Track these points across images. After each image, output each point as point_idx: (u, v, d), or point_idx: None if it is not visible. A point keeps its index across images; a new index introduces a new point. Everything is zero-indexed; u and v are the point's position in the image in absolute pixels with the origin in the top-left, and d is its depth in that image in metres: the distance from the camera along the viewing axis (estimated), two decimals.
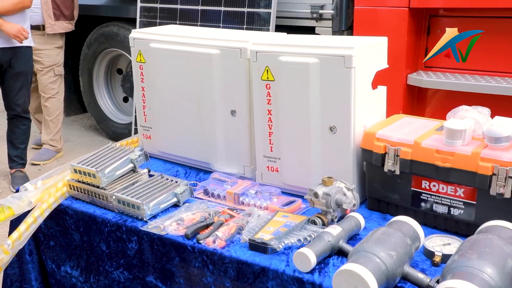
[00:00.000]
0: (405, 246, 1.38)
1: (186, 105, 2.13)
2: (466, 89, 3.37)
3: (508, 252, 1.25)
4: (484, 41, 3.41)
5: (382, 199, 1.77)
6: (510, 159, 1.48)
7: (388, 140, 1.71)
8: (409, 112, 3.71)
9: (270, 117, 1.91)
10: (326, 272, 1.44)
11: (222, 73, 1.99)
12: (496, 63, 3.43)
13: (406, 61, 3.62)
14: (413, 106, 3.83)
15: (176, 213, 1.78)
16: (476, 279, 1.16)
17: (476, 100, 3.33)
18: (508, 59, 3.38)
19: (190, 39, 2.09)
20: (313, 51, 1.77)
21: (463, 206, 1.59)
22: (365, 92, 1.79)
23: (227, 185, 1.95)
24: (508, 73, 3.37)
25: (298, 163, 1.89)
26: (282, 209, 1.78)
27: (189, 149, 2.18)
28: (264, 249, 1.54)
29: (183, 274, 1.68)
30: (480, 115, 1.61)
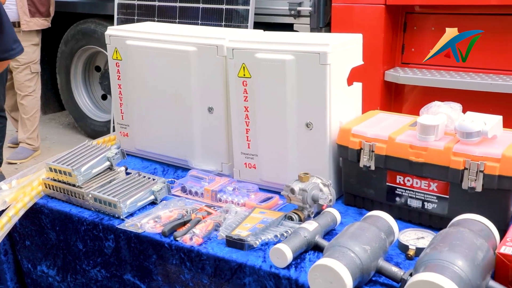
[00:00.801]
0: (380, 240, 1.40)
1: (163, 102, 2.12)
2: (441, 85, 3.42)
3: (478, 245, 1.28)
4: (460, 38, 3.47)
5: (358, 194, 1.79)
6: (481, 153, 1.51)
7: (363, 136, 1.73)
8: (387, 108, 3.75)
9: (247, 114, 1.91)
10: (302, 267, 1.45)
11: (199, 70, 1.99)
12: (471, 59, 3.48)
13: (383, 57, 3.66)
14: (390, 102, 3.87)
15: (154, 210, 1.77)
16: (447, 271, 1.19)
17: (452, 96, 3.37)
18: (484, 55, 3.44)
19: (166, 36, 2.08)
20: (289, 48, 1.78)
21: (437, 200, 1.62)
22: (340, 89, 1.81)
23: (205, 182, 1.96)
24: (483, 69, 3.43)
25: (275, 160, 1.90)
26: (259, 205, 1.79)
27: (167, 147, 2.18)
28: (241, 245, 1.55)
29: (160, 271, 1.68)
30: (452, 110, 1.64)
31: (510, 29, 3.29)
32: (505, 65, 3.31)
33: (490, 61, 3.38)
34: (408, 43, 3.75)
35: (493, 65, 3.38)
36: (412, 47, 3.74)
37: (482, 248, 1.27)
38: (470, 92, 3.33)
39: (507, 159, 1.47)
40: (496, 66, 3.38)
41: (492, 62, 3.38)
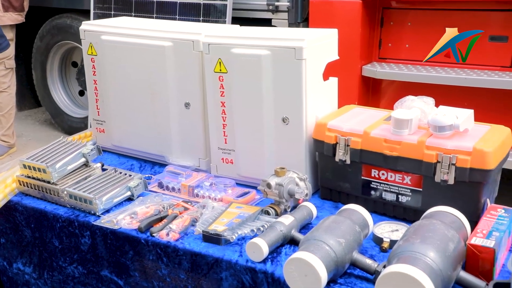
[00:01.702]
0: (354, 233, 1.42)
1: (139, 98, 2.11)
2: (418, 79, 3.46)
3: (450, 236, 1.30)
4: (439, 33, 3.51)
5: (334, 188, 1.81)
6: (453, 147, 1.54)
7: (339, 130, 1.74)
8: (364, 102, 3.78)
9: (224, 109, 1.92)
10: (278, 261, 1.46)
11: (175, 66, 1.98)
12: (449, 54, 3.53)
13: (360, 52, 3.68)
14: (368, 97, 3.90)
15: (130, 206, 1.77)
16: (419, 263, 1.21)
17: (429, 90, 3.41)
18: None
19: (142, 31, 2.07)
20: (265, 43, 1.78)
21: (410, 193, 1.64)
22: (316, 84, 1.82)
23: (182, 177, 1.95)
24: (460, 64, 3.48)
25: (252, 155, 1.90)
26: (236, 200, 1.79)
27: (144, 143, 2.17)
28: (217, 240, 1.56)
29: (137, 267, 1.67)
30: (425, 104, 1.66)
31: (484, 24, 3.34)
32: (478, 60, 3.37)
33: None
34: (385, 38, 3.78)
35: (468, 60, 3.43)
36: (389, 42, 3.77)
37: (453, 240, 1.30)
38: (446, 87, 3.37)
39: (478, 152, 1.50)
40: (471, 61, 3.44)
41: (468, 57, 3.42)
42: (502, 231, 1.38)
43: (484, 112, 3.31)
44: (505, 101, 3.33)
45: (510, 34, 3.21)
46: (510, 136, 1.66)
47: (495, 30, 3.28)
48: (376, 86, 3.91)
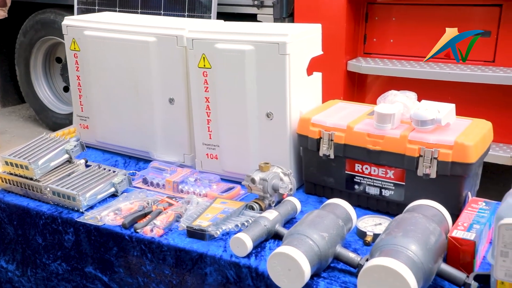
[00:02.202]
0: (337, 227, 1.43)
1: (123, 93, 2.10)
2: (403, 74, 3.49)
3: (431, 229, 1.32)
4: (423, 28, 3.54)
5: (318, 183, 1.82)
6: (435, 141, 1.55)
7: (323, 125, 1.75)
8: (350, 98, 3.79)
9: (208, 105, 1.91)
10: (262, 256, 1.47)
11: (159, 61, 1.98)
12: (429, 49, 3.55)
13: (345, 47, 3.70)
14: (354, 92, 3.92)
15: (114, 203, 1.76)
16: (401, 256, 1.22)
17: (414, 85, 3.45)
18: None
19: (125, 26, 2.06)
20: (249, 38, 1.78)
21: (393, 187, 1.66)
22: (300, 79, 1.83)
23: (166, 173, 1.95)
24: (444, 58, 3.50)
25: (236, 150, 1.90)
26: (221, 195, 1.80)
27: (128, 139, 2.16)
28: (202, 235, 1.56)
29: (122, 263, 1.67)
30: (407, 99, 1.67)
31: (468, 19, 3.37)
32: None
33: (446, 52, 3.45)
34: (370, 33, 3.80)
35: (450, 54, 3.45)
36: (374, 37, 3.79)
37: (435, 233, 1.31)
38: (431, 81, 3.40)
39: (459, 146, 1.51)
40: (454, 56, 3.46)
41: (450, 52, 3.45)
42: (483, 223, 1.39)
43: (467, 106, 3.35)
44: (487, 95, 3.37)
45: (493, 29, 3.25)
46: (491, 130, 1.68)
47: (478, 24, 3.31)
48: (362, 81, 3.93)
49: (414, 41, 3.61)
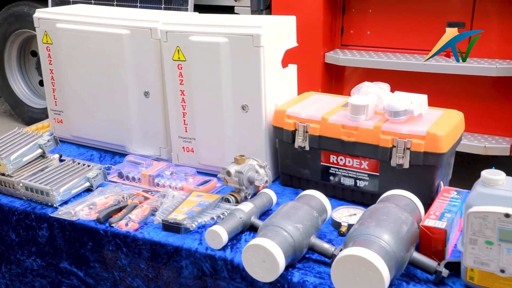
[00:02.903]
0: (312, 218, 1.44)
1: (97, 87, 2.08)
2: (379, 66, 3.51)
3: (404, 219, 1.33)
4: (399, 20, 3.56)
5: (294, 175, 1.82)
6: (407, 131, 1.57)
7: (298, 117, 1.76)
8: (328, 89, 3.81)
9: (183, 98, 1.90)
10: (238, 248, 1.47)
11: (133, 54, 1.96)
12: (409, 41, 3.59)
13: (323, 39, 3.71)
14: (331, 84, 3.94)
15: (89, 197, 1.74)
16: (374, 245, 1.23)
17: (392, 76, 3.48)
18: (418, 37, 3.54)
19: (98, 19, 2.03)
20: (223, 30, 1.78)
21: (368, 178, 1.67)
22: (275, 71, 1.83)
23: (142, 167, 1.94)
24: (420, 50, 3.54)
25: (212, 143, 1.90)
26: (197, 189, 1.79)
27: (103, 132, 2.14)
28: (177, 229, 1.55)
29: (97, 258, 1.66)
30: (381, 90, 1.69)
31: (442, 10, 3.40)
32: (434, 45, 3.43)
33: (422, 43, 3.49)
34: (347, 25, 3.81)
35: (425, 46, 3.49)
36: (351, 29, 3.81)
37: (407, 222, 1.33)
38: (408, 73, 3.43)
39: (431, 136, 1.53)
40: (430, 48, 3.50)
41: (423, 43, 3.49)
42: (454, 212, 1.42)
43: (444, 97, 3.39)
44: (463, 86, 3.42)
45: (467, 20, 3.29)
46: (463, 120, 1.71)
47: (452, 16, 3.35)
48: (339, 73, 3.95)
49: (391, 33, 3.64)
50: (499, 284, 1.20)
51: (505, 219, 1.12)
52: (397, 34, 3.61)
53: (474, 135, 3.37)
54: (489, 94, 3.40)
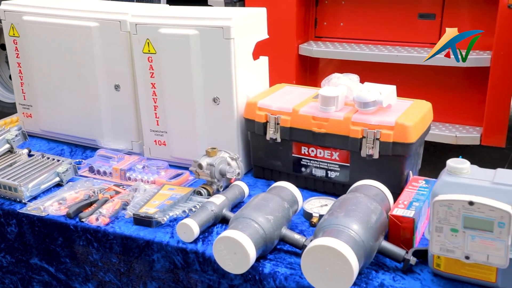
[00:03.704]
0: (283, 210, 1.45)
1: (67, 81, 2.05)
2: (352, 57, 3.54)
3: (372, 208, 1.35)
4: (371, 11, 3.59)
5: (266, 167, 1.83)
6: (376, 122, 1.59)
7: (269, 109, 1.76)
8: (302, 81, 3.83)
9: (154, 91, 1.89)
10: (209, 241, 1.47)
11: (103, 47, 1.93)
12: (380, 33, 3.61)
13: (296, 31, 3.72)
14: (306, 76, 3.95)
15: (59, 192, 1.72)
16: (343, 235, 1.24)
17: (365, 68, 3.51)
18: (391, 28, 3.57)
19: (66, 11, 1.99)
20: (193, 22, 1.76)
21: (339, 168, 1.68)
22: (246, 63, 1.82)
23: (114, 161, 1.92)
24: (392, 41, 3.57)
25: (184, 136, 1.89)
26: (169, 182, 1.78)
27: (73, 127, 2.11)
28: (148, 222, 1.55)
29: (68, 253, 1.64)
30: (350, 81, 1.70)
31: (413, 2, 3.44)
32: (408, 37, 3.47)
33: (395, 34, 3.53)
34: (320, 17, 3.83)
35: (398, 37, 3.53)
36: (324, 20, 3.82)
37: (376, 212, 1.35)
38: (381, 64, 3.46)
39: (400, 126, 1.55)
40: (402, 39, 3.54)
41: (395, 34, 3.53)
42: (422, 201, 1.44)
43: (418, 87, 3.44)
44: (435, 76, 3.46)
45: (438, 11, 3.33)
46: (431, 110, 1.73)
47: (423, 8, 3.39)
48: (313, 65, 3.96)
49: (364, 24, 3.66)
50: (464, 270, 1.23)
51: (469, 206, 1.14)
52: (370, 25, 3.64)
53: (446, 125, 3.42)
54: (459, 85, 3.45)
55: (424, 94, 2.25)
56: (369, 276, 1.31)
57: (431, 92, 3.44)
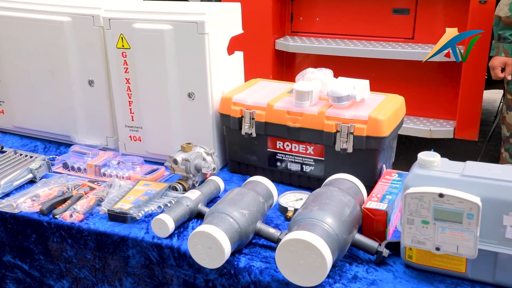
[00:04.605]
0: (258, 204, 1.45)
1: (40, 76, 2.02)
2: (328, 52, 3.56)
3: (346, 202, 1.37)
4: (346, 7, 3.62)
5: (242, 162, 1.83)
6: (350, 116, 1.60)
7: (244, 104, 1.76)
8: (279, 76, 3.85)
9: (129, 86, 1.88)
10: (185, 236, 1.47)
11: (76, 42, 1.91)
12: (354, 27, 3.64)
13: (273, 26, 3.73)
14: (283, 71, 3.97)
15: (32, 189, 1.70)
16: (316, 229, 1.26)
17: (341, 62, 3.54)
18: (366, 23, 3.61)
19: (38, 6, 1.96)
20: (167, 17, 1.76)
21: (314, 163, 1.70)
22: (221, 58, 1.82)
23: (88, 157, 1.91)
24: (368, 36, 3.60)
25: (159, 131, 1.89)
26: (144, 177, 1.78)
27: (47, 123, 2.08)
28: (123, 218, 1.54)
29: (42, 250, 1.63)
30: (324, 76, 1.71)
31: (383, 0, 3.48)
32: (383, 32, 3.51)
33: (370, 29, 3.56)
34: (296, 12, 3.85)
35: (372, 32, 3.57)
36: (300, 16, 3.85)
37: (349, 205, 1.36)
38: (356, 59, 3.50)
39: (373, 120, 1.57)
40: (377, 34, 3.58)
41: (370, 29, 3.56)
42: (395, 194, 1.46)
43: (391, 82, 3.48)
44: (408, 71, 3.51)
45: (412, 7, 3.37)
46: (404, 104, 1.75)
47: (398, 3, 3.43)
48: (290, 60, 3.98)
49: (340, 19, 3.69)
50: (435, 261, 1.26)
51: (439, 199, 1.16)
52: (346, 20, 3.68)
53: (420, 119, 3.48)
54: (433, 79, 3.51)
55: (399, 89, 2.28)
56: (343, 268, 1.33)
57: (406, 86, 3.49)
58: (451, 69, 3.31)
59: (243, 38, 1.97)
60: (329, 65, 1.91)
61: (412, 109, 3.44)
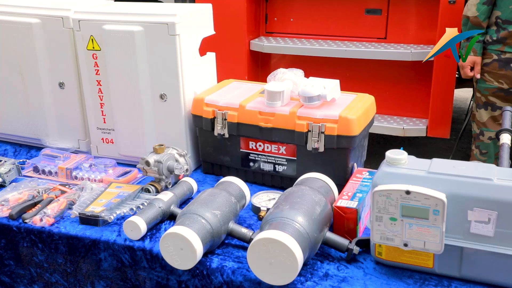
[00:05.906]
0: (230, 204, 1.46)
1: (9, 79, 1.99)
2: (302, 53, 3.59)
3: (317, 201, 1.38)
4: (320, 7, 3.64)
5: (215, 162, 1.83)
6: (321, 116, 1.62)
7: (216, 105, 1.76)
8: (254, 77, 3.85)
9: (100, 88, 1.86)
10: (157, 238, 1.47)
11: (45, 44, 1.89)
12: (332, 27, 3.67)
13: (247, 27, 3.74)
14: (258, 71, 3.98)
15: (1, 194, 1.68)
16: (288, 228, 1.27)
17: (316, 63, 3.57)
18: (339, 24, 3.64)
19: (6, 7, 1.94)
20: (138, 19, 1.75)
21: (286, 162, 1.71)
22: (192, 59, 1.82)
23: (59, 160, 1.88)
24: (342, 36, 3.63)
25: (132, 133, 1.87)
26: (116, 180, 1.77)
27: (17, 126, 2.06)
28: (95, 221, 1.53)
29: (12, 255, 1.60)
30: (295, 76, 1.72)
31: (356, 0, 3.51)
32: (356, 32, 3.55)
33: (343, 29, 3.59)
34: (270, 12, 3.86)
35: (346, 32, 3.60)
36: (274, 16, 3.86)
37: (320, 204, 1.38)
38: (330, 59, 3.52)
39: (343, 120, 1.58)
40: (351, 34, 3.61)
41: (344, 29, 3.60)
42: (366, 192, 1.48)
43: (365, 81, 3.52)
44: (381, 70, 3.55)
45: (384, 7, 3.41)
46: (374, 104, 1.78)
47: (370, 3, 3.47)
48: (265, 60, 4.00)
49: (313, 20, 3.72)
50: (404, 257, 1.28)
51: (406, 195, 1.18)
52: (319, 21, 3.70)
53: (394, 117, 3.52)
54: (406, 78, 3.56)
55: (373, 88, 2.32)
56: (314, 266, 1.34)
57: (379, 86, 3.53)
58: (423, 69, 3.36)
59: (218, 39, 1.98)
60: (304, 65, 1.92)
61: (385, 108, 3.49)
